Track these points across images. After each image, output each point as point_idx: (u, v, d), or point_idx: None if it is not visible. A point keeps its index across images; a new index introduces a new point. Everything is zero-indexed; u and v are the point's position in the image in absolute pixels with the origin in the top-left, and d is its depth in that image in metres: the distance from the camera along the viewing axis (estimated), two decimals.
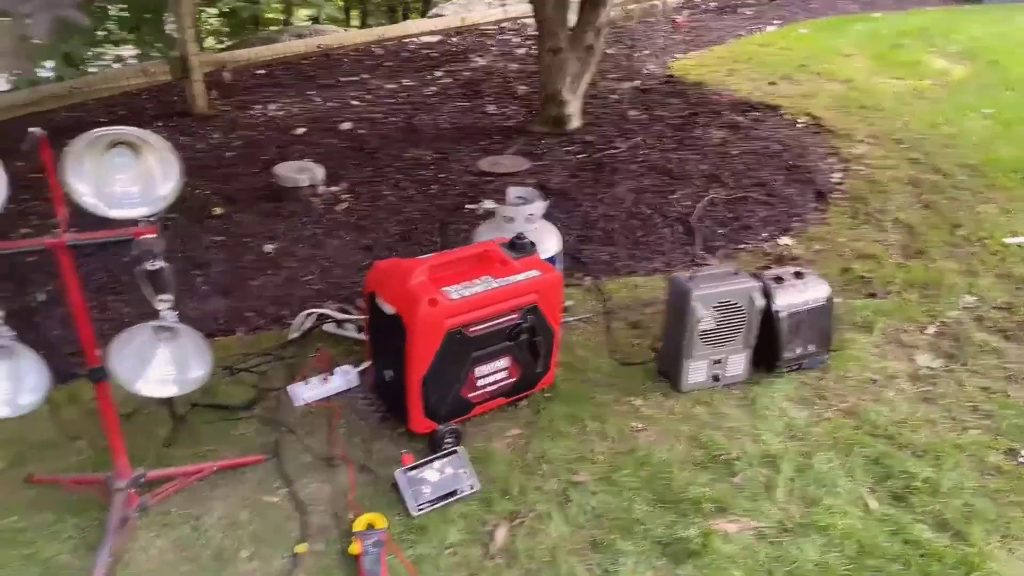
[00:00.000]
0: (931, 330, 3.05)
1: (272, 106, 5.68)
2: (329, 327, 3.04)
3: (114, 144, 1.81)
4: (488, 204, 3.07)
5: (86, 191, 1.76)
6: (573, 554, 2.08)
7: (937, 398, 2.65)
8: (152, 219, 1.90)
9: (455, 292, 2.31)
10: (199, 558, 2.08)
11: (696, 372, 2.70)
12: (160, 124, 5.21)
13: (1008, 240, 3.67)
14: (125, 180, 1.81)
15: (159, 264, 1.89)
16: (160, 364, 1.97)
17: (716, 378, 2.73)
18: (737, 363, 2.74)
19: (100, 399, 2.05)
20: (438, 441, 2.40)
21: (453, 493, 2.24)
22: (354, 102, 5.77)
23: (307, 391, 2.67)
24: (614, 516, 2.20)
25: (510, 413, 2.61)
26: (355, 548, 2.06)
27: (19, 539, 2.12)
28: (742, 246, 3.79)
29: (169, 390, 2.00)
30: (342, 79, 6.45)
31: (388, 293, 2.34)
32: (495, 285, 2.37)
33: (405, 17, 12.85)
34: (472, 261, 2.45)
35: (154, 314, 1.92)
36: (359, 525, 2.14)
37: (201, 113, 5.37)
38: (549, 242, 2.98)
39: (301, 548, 2.10)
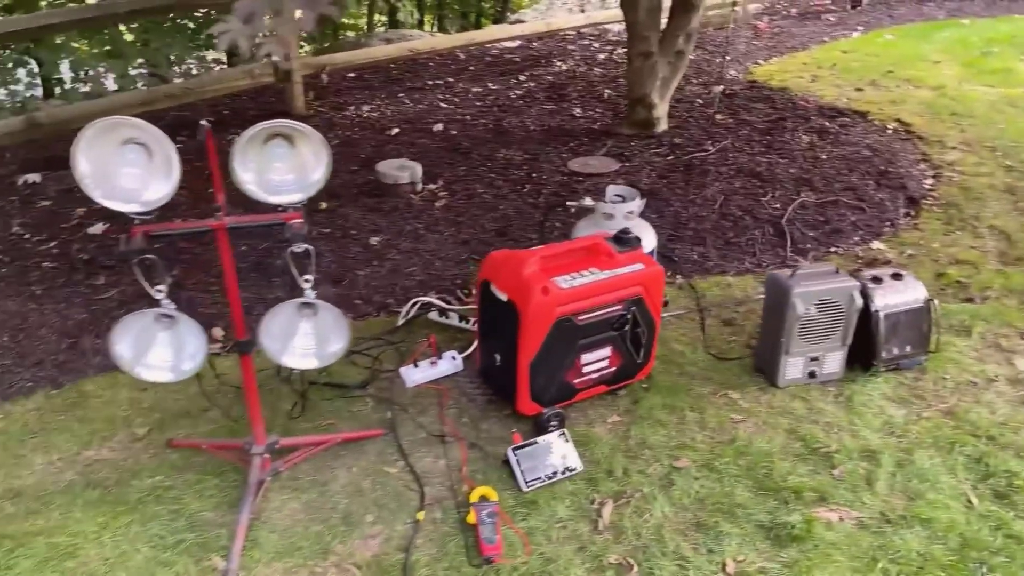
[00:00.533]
0: None
1: (365, 107, 5.90)
2: (433, 315, 3.19)
3: (272, 136, 1.98)
4: (587, 201, 3.18)
5: (249, 179, 1.94)
6: (678, 533, 2.18)
7: None
8: (298, 206, 2.08)
9: (565, 282, 2.44)
10: (329, 519, 2.24)
11: (793, 368, 2.76)
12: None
13: None
14: (282, 168, 1.99)
15: (304, 247, 2.07)
16: (302, 338, 2.15)
17: (812, 375, 2.79)
18: (833, 361, 2.79)
19: (244, 370, 2.23)
20: (543, 423, 2.53)
21: (560, 472, 2.36)
22: (442, 104, 5.95)
23: (417, 373, 2.82)
24: (716, 500, 2.29)
25: (609, 401, 2.72)
26: (471, 518, 2.20)
27: (167, 496, 2.32)
28: (833, 249, 3.81)
29: (310, 362, 2.17)
30: (429, 82, 6.65)
31: (502, 281, 2.47)
32: (602, 276, 2.49)
33: (478, 24, 13.08)
34: (580, 253, 2.57)
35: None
36: (474, 497, 2.27)
37: (300, 114, 5.62)
38: (646, 239, 3.08)
39: (420, 515, 2.24)
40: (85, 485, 2.37)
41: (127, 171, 1.88)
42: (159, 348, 2.05)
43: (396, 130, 5.22)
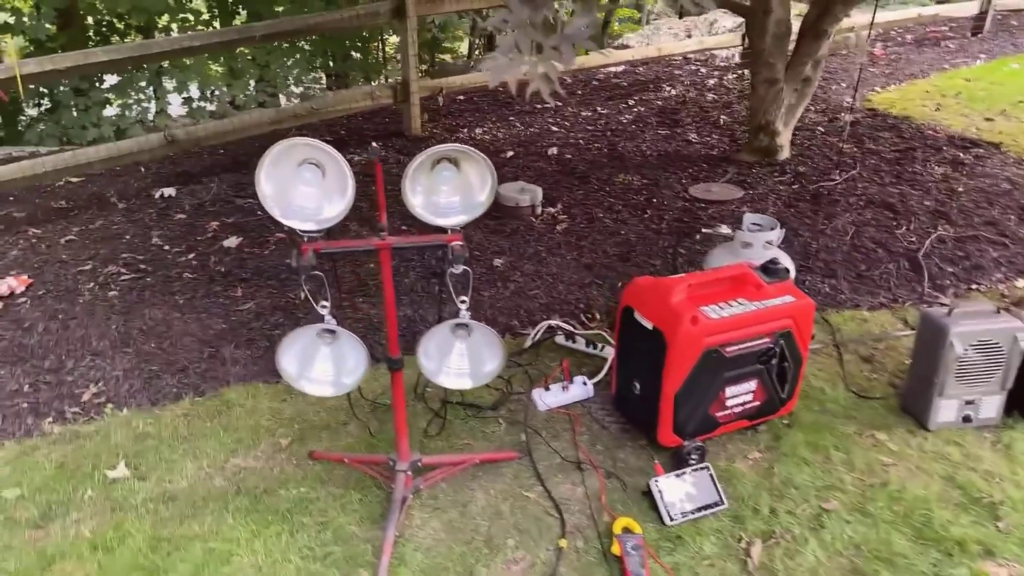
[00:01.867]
0: None
1: (478, 130, 5.99)
2: (560, 339, 3.18)
3: (439, 160, 2.02)
4: (724, 229, 3.13)
5: (419, 203, 1.98)
6: None
7: None
8: (458, 228, 2.11)
9: (713, 312, 2.39)
10: (472, 541, 2.24)
11: (946, 411, 2.63)
12: (380, 144, 5.63)
13: None
14: (448, 191, 2.02)
15: (462, 268, 2.09)
16: (457, 358, 2.17)
17: (967, 419, 2.65)
18: (991, 405, 2.65)
19: (395, 388, 2.26)
20: (684, 456, 2.47)
21: (704, 507, 2.30)
22: (553, 128, 5.99)
23: (549, 397, 2.81)
24: (873, 547, 2.18)
25: (749, 437, 2.64)
26: (616, 549, 2.16)
27: (312, 508, 2.37)
28: (974, 286, 3.64)
29: (464, 383, 2.19)
30: (538, 106, 6.70)
31: (648, 309, 2.44)
32: (751, 308, 2.43)
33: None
34: (728, 283, 2.52)
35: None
36: (616, 528, 2.24)
37: (416, 135, 5.75)
38: None
39: (563, 543, 2.22)
40: (236, 492, 2.44)
41: (304, 190, 1.94)
42: (321, 363, 2.10)
43: (511, 153, 5.27)
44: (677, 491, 2.32)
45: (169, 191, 4.82)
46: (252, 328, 3.33)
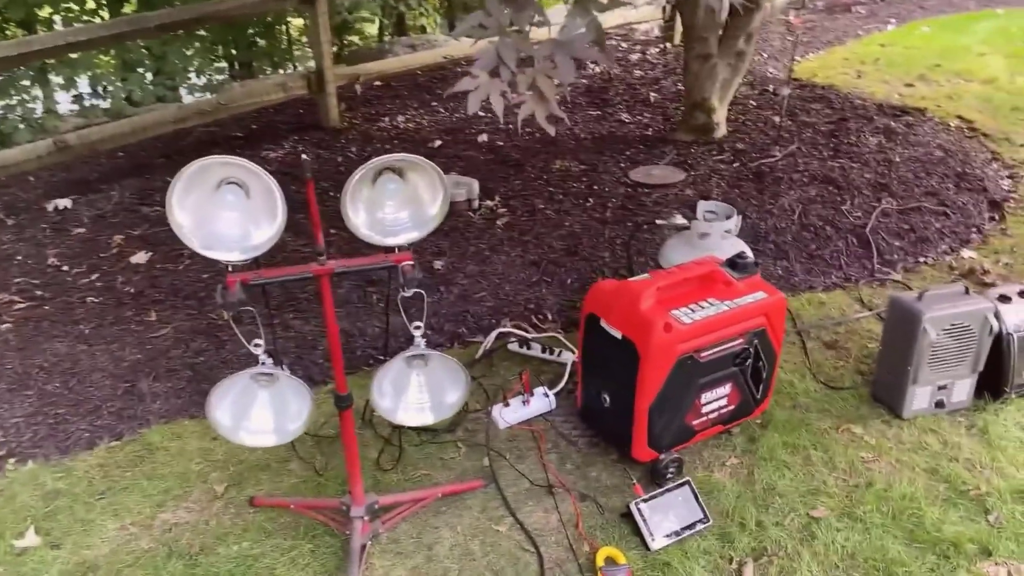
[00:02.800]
0: None
1: (400, 118, 5.68)
2: (513, 346, 2.98)
3: (380, 172, 1.77)
4: (679, 219, 2.96)
5: (362, 223, 1.72)
6: None
7: None
8: (406, 246, 1.87)
9: (686, 315, 2.22)
10: None
11: (920, 399, 2.54)
12: (295, 138, 5.27)
13: None
14: (395, 205, 1.77)
15: (413, 290, 1.85)
16: (416, 391, 1.93)
17: (940, 404, 2.57)
18: (962, 389, 2.58)
19: (344, 427, 2.01)
20: (661, 471, 2.31)
21: (688, 526, 2.15)
22: (480, 113, 5.72)
23: (509, 414, 2.61)
24: (868, 556, 2.07)
25: (723, 441, 2.50)
26: None
27: (257, 565, 2.11)
28: (921, 259, 3.60)
29: (425, 417, 1.96)
30: (459, 91, 6.42)
31: (615, 316, 2.25)
32: (724, 308, 2.27)
33: None
34: (696, 282, 2.35)
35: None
36: (599, 560, 2.06)
37: (334, 127, 5.40)
38: None
39: None
40: (167, 555, 2.15)
41: (226, 215, 1.66)
42: (260, 409, 1.84)
43: (439, 142, 5.00)
44: (659, 512, 2.15)
45: (64, 202, 4.36)
46: (171, 357, 3.00)
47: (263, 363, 1.82)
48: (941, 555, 2.06)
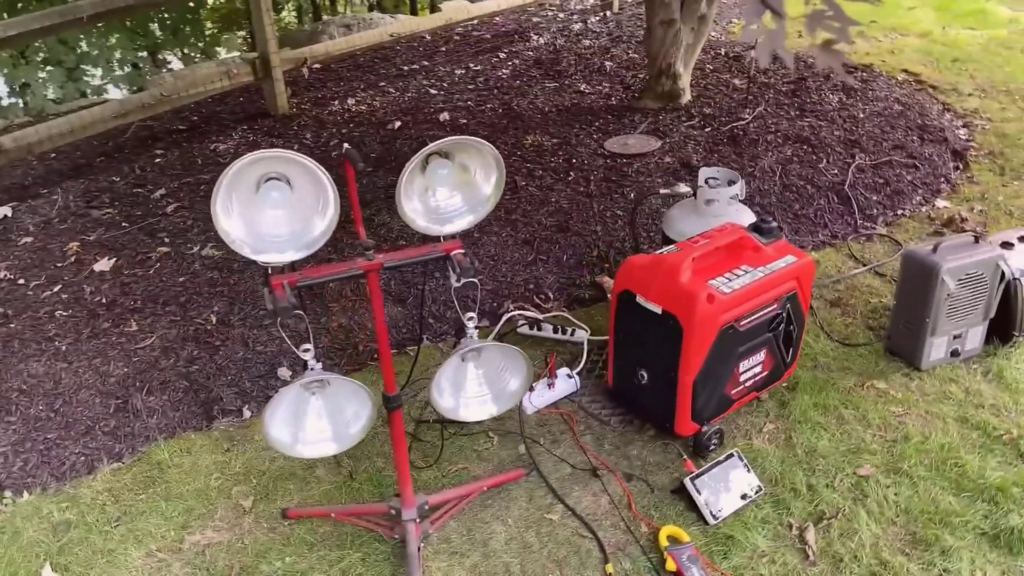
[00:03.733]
0: None
1: (350, 100, 5.47)
2: (523, 329, 2.90)
3: (429, 157, 1.66)
4: (682, 187, 2.93)
5: (419, 213, 1.61)
6: (900, 553, 1.98)
7: None
8: (455, 235, 1.77)
9: (724, 285, 2.18)
10: None
11: (937, 349, 2.59)
12: (244, 128, 5.02)
13: None
14: (447, 191, 1.67)
15: (469, 278, 1.76)
16: (474, 384, 1.84)
17: (955, 353, 2.62)
18: (975, 336, 2.63)
19: (393, 428, 1.91)
20: (704, 443, 2.29)
21: (743, 497, 2.13)
22: (432, 91, 5.57)
23: (536, 398, 2.54)
24: (922, 510, 2.09)
25: (755, 408, 2.50)
26: (671, 565, 1.95)
27: None
28: (900, 212, 3.68)
29: (489, 409, 1.87)
30: (404, 68, 6.24)
31: (653, 291, 2.20)
32: (759, 275, 2.24)
33: (413, 8, 12.45)
34: (725, 250, 2.32)
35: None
36: (662, 539, 2.02)
37: (283, 113, 5.16)
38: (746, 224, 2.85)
39: (610, 568, 1.98)
40: None
41: (272, 214, 1.53)
42: (315, 419, 1.71)
43: (398, 123, 4.84)
44: (713, 485, 2.13)
45: (3, 210, 4.04)
46: (162, 368, 2.81)
47: (312, 368, 1.69)
48: (990, 501, 2.10)
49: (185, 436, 2.53)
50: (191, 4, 7.37)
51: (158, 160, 4.62)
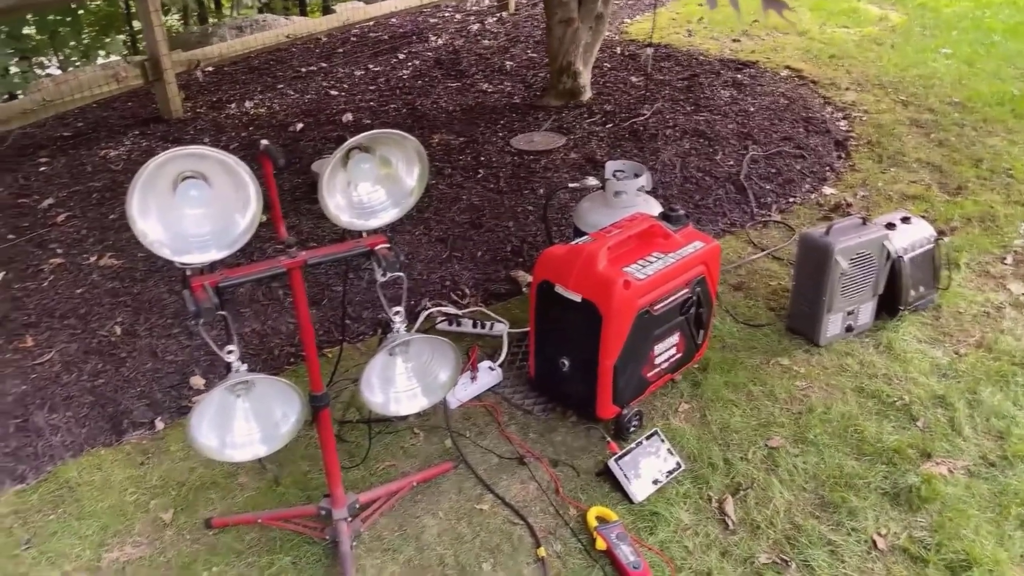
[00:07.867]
0: (1009, 259, 3.22)
1: (248, 103, 5.34)
2: (443, 325, 2.92)
3: (350, 152, 1.66)
4: (591, 181, 3.01)
5: (343, 210, 1.61)
6: (811, 516, 2.10)
7: None
8: (381, 229, 1.78)
9: (638, 271, 2.27)
10: None
11: (833, 325, 2.76)
12: (136, 133, 4.82)
13: None
14: (369, 186, 1.67)
15: (393, 274, 1.76)
16: (403, 380, 1.84)
17: (849, 328, 2.80)
18: (866, 312, 2.82)
19: (321, 428, 1.89)
20: (625, 425, 2.37)
21: (665, 475, 2.22)
22: (332, 92, 5.50)
23: (459, 391, 2.56)
24: (828, 475, 2.23)
25: (670, 389, 2.59)
26: (601, 544, 2.01)
27: None
28: (791, 199, 3.88)
29: (419, 403, 1.87)
30: (302, 70, 6.14)
31: (571, 280, 2.26)
32: (671, 260, 2.34)
33: (303, 9, 12.19)
34: (638, 238, 2.41)
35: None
36: (591, 520, 2.08)
37: (178, 118, 4.99)
38: (654, 214, 2.95)
39: (542, 551, 2.02)
40: None
41: (190, 213, 1.50)
42: (242, 421, 1.68)
43: (300, 125, 4.76)
44: (636, 465, 2.20)
45: None
46: (64, 383, 2.68)
47: (237, 370, 1.66)
48: (889, 463, 2.26)
49: (94, 452, 2.43)
50: (72, 6, 6.99)
51: (43, 169, 4.38)
